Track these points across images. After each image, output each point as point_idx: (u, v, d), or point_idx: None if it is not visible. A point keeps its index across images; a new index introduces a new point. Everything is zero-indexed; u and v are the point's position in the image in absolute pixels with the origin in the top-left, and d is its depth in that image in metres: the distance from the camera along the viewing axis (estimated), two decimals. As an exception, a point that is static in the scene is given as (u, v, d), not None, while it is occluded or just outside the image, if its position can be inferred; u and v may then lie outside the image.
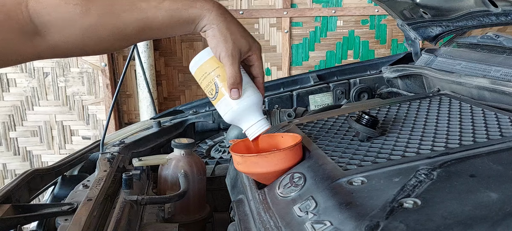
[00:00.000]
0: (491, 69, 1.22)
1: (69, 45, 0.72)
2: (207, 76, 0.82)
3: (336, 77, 1.92)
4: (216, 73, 0.81)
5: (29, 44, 0.69)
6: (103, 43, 0.74)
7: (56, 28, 0.69)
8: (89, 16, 0.70)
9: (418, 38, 1.72)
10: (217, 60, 0.80)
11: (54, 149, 3.21)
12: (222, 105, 0.82)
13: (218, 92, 0.81)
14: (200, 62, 0.82)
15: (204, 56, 0.82)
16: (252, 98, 0.81)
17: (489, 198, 0.56)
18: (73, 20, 0.70)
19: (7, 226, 0.86)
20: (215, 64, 0.81)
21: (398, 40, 3.49)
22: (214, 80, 0.81)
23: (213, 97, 0.83)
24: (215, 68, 0.81)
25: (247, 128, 0.84)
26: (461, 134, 0.83)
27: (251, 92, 0.82)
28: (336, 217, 0.60)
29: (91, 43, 0.73)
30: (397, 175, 0.67)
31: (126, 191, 1.03)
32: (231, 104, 0.81)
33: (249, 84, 0.82)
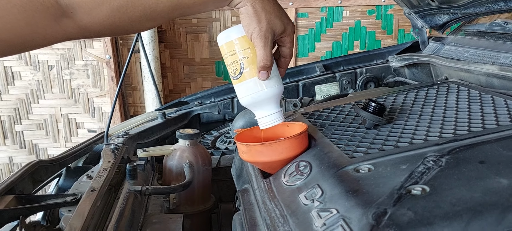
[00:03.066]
0: (500, 56, 1.20)
1: (98, 26, 0.70)
2: (234, 54, 0.79)
3: (342, 67, 1.90)
4: (245, 54, 0.78)
5: (56, 26, 0.67)
6: (133, 23, 0.72)
7: (84, 9, 0.68)
8: (103, 5, 0.68)
9: (425, 26, 1.70)
10: (248, 40, 0.77)
11: (60, 142, 3.22)
12: (243, 87, 0.80)
13: (241, 73, 0.79)
14: (230, 37, 0.79)
15: (236, 33, 0.79)
16: (274, 89, 0.80)
17: (499, 184, 0.54)
18: (101, 1, 0.68)
19: (10, 217, 0.86)
20: (246, 44, 0.78)
21: (405, 30, 3.45)
22: (240, 60, 0.79)
23: (235, 76, 0.80)
24: (245, 49, 0.78)
25: (261, 116, 0.82)
26: (470, 120, 0.81)
27: (275, 82, 0.80)
28: (342, 204, 0.59)
29: (121, 23, 0.71)
30: (405, 162, 0.66)
31: (130, 182, 1.02)
32: (252, 89, 0.79)
33: (275, 73, 0.80)
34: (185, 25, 3.33)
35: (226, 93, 1.83)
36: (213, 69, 3.45)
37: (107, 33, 0.75)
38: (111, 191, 1.01)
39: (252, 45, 0.78)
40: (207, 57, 3.40)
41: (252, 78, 0.79)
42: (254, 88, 0.79)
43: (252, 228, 0.74)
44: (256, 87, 0.79)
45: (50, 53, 3.05)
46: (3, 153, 3.22)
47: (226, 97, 1.82)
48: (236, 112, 1.80)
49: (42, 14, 0.65)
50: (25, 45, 0.67)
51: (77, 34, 0.70)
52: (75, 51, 3.02)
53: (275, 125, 0.83)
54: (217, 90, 1.85)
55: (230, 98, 1.81)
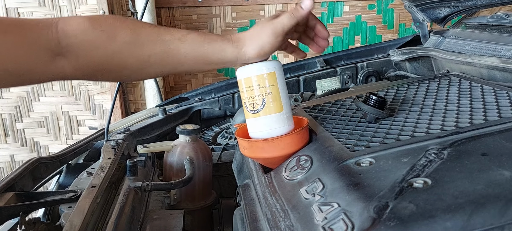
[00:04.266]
0: (502, 49, 1.19)
1: (92, 69, 0.73)
2: (255, 89, 0.79)
3: (343, 61, 1.89)
4: (269, 90, 0.78)
5: (55, 64, 0.70)
6: (126, 70, 0.75)
7: (82, 51, 0.71)
8: (115, 42, 0.72)
9: (426, 20, 1.69)
10: (274, 78, 0.78)
11: (61, 139, 3.22)
12: (258, 123, 0.80)
13: (262, 109, 0.79)
14: (255, 72, 0.79)
15: (260, 69, 0.79)
16: (289, 128, 0.80)
17: (502, 176, 0.54)
18: (98, 45, 0.71)
19: (10, 214, 0.86)
20: (271, 81, 0.79)
21: (406, 25, 3.44)
22: (263, 95, 0.78)
23: (253, 111, 0.80)
24: (271, 85, 0.78)
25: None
26: (472, 113, 0.80)
27: (291, 122, 0.81)
28: (343, 198, 0.58)
29: (115, 69, 0.74)
30: (406, 155, 0.65)
31: (130, 178, 1.02)
32: (272, 125, 0.79)
33: (291, 114, 0.81)
34: (185, 21, 3.32)
35: (227, 89, 1.83)
36: (214, 65, 3.44)
37: (100, 77, 0.78)
38: (112, 187, 1.00)
39: (276, 83, 0.78)
40: (207, 54, 3.39)
41: (274, 114, 0.78)
42: (274, 124, 0.79)
43: (253, 223, 0.74)
44: (276, 123, 0.79)
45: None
46: (5, 151, 3.22)
47: (227, 93, 1.81)
48: (237, 108, 1.79)
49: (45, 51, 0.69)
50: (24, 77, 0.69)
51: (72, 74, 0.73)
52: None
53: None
54: (217, 86, 1.84)
55: (231, 94, 1.81)
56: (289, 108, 0.81)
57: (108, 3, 2.91)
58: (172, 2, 3.24)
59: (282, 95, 0.79)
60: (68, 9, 2.94)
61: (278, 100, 0.79)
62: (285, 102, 0.80)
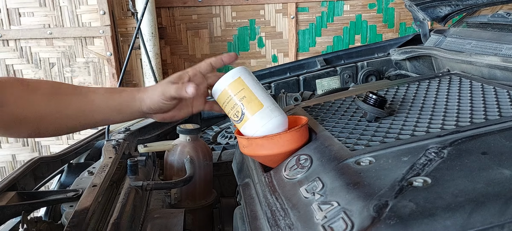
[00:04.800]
0: (503, 48, 1.19)
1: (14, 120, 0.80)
2: (231, 99, 0.81)
3: (343, 61, 1.89)
4: (241, 95, 0.81)
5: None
6: (44, 122, 0.83)
7: (7, 102, 0.79)
8: (36, 94, 0.82)
9: (426, 19, 1.69)
10: (242, 82, 0.81)
11: (62, 139, 3.22)
12: (248, 127, 0.81)
13: (244, 115, 0.81)
14: (223, 86, 0.82)
15: (225, 81, 0.82)
16: (278, 119, 0.81)
17: (502, 175, 0.54)
18: (21, 96, 0.81)
19: (12, 213, 0.86)
20: (240, 86, 0.81)
21: (406, 24, 3.44)
22: (238, 103, 0.81)
23: (239, 119, 0.82)
24: (240, 90, 0.81)
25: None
26: (472, 112, 0.81)
27: (277, 113, 0.81)
28: (343, 197, 0.58)
29: (33, 119, 0.82)
30: (406, 154, 0.65)
31: (131, 177, 1.02)
32: (260, 122, 0.80)
33: (275, 105, 0.82)
34: (185, 21, 3.32)
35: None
36: (214, 65, 3.44)
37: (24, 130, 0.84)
38: (113, 186, 1.00)
39: (246, 86, 0.81)
40: (207, 53, 3.39)
41: (257, 112, 0.80)
42: (262, 121, 0.80)
43: (253, 222, 0.74)
44: (263, 119, 0.80)
45: (51, 51, 3.04)
46: (6, 151, 3.22)
47: (227, 93, 1.81)
48: (237, 107, 1.79)
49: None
50: None
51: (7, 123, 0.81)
52: (76, 49, 3.02)
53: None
54: (218, 86, 1.84)
55: (231, 94, 1.81)
56: (270, 101, 0.82)
57: (108, 3, 2.91)
58: (172, 2, 3.24)
59: (256, 93, 0.81)
60: (68, 9, 2.94)
61: (255, 99, 0.80)
62: (262, 97, 0.81)
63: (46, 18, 2.95)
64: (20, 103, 0.80)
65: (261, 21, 3.35)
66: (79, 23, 2.96)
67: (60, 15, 2.94)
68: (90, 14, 2.96)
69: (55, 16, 2.94)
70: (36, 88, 0.83)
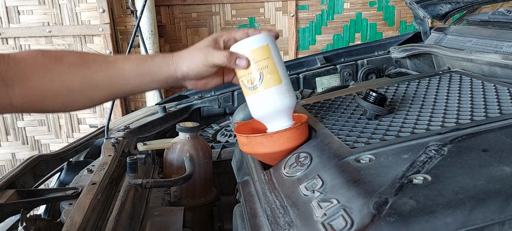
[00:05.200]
0: (503, 45, 1.18)
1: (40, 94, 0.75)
2: (256, 64, 0.77)
3: (343, 59, 1.89)
4: (263, 64, 0.77)
5: (6, 92, 0.72)
6: (73, 93, 0.77)
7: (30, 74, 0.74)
8: (61, 65, 0.76)
9: (427, 16, 1.68)
10: (268, 51, 0.77)
11: (62, 137, 3.22)
12: (258, 99, 0.78)
13: (258, 85, 0.77)
14: (249, 48, 0.78)
15: (254, 43, 0.78)
16: (291, 100, 0.79)
17: (503, 172, 0.54)
18: (46, 68, 0.75)
19: (11, 210, 0.86)
20: (265, 54, 0.77)
21: (406, 22, 3.43)
22: (257, 71, 0.77)
23: (251, 87, 0.78)
24: (264, 59, 0.77)
25: (274, 129, 0.80)
26: (472, 109, 0.80)
27: (292, 94, 0.79)
28: (343, 194, 0.58)
29: (62, 91, 0.76)
30: (406, 151, 0.65)
31: (130, 175, 1.02)
32: (269, 100, 0.77)
33: (291, 86, 0.80)
34: (185, 19, 3.32)
35: (227, 86, 1.82)
36: (214, 63, 3.44)
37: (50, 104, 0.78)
38: (112, 184, 1.00)
39: (271, 56, 0.77)
40: (208, 51, 3.38)
41: (273, 87, 0.77)
42: (275, 97, 0.77)
43: (252, 220, 0.74)
44: (276, 96, 0.77)
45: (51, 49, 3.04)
46: (6, 149, 3.22)
47: (227, 91, 1.81)
48: (237, 105, 1.79)
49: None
50: None
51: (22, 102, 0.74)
52: (76, 47, 3.01)
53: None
54: (217, 84, 1.84)
55: (230, 92, 1.81)
56: (288, 80, 0.79)
57: (107, 1, 2.91)
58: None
59: (278, 67, 0.78)
60: (68, 7, 2.93)
61: (276, 73, 0.77)
62: (283, 74, 0.79)
63: (45, 16, 2.95)
64: (46, 76, 0.75)
65: (261, 19, 3.35)
66: (79, 21, 2.96)
67: (59, 13, 2.94)
68: (90, 12, 2.95)
69: (54, 14, 2.94)
70: (60, 59, 0.77)
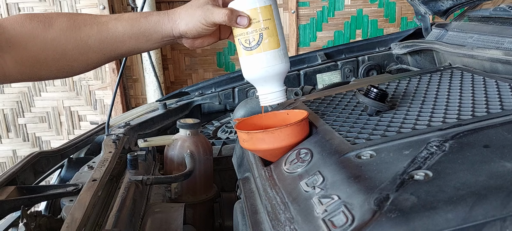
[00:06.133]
0: (505, 41, 1.18)
1: (33, 61, 0.73)
2: (255, 24, 0.76)
3: (344, 55, 1.88)
4: (265, 25, 0.76)
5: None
6: (66, 58, 0.75)
7: (20, 42, 0.72)
8: (52, 30, 0.73)
9: (428, 13, 1.68)
10: (271, 12, 0.76)
11: (62, 134, 3.22)
12: (255, 60, 0.78)
13: (256, 46, 0.76)
14: (253, 5, 0.76)
15: (259, 1, 0.76)
16: (286, 66, 0.79)
17: (504, 168, 0.53)
18: (35, 34, 0.73)
19: (11, 207, 0.86)
20: (267, 15, 0.76)
21: (407, 18, 3.42)
22: (257, 31, 0.76)
23: (248, 48, 0.77)
24: (266, 19, 0.76)
25: (265, 93, 0.81)
26: (474, 105, 0.80)
27: (287, 59, 0.79)
28: (344, 191, 0.58)
29: (55, 57, 0.74)
30: (408, 147, 0.65)
31: (131, 172, 1.01)
32: (269, 62, 0.77)
33: (286, 50, 0.80)
34: (186, 15, 3.31)
35: (227, 83, 1.82)
36: (214, 60, 3.44)
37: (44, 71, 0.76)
38: (113, 181, 1.00)
39: (273, 17, 0.76)
40: (208, 49, 3.38)
41: (271, 50, 0.77)
42: (272, 61, 0.77)
43: (253, 216, 0.74)
44: (273, 60, 0.77)
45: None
46: (7, 146, 3.22)
47: (227, 88, 1.81)
48: (237, 102, 1.79)
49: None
50: None
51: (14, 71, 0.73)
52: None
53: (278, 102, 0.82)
54: (218, 81, 1.84)
55: (231, 89, 1.80)
56: (285, 44, 0.79)
57: (108, -2, 2.91)
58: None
59: (278, 30, 0.78)
60: (68, 3, 2.93)
61: (275, 36, 0.77)
62: (281, 37, 0.78)
63: (46, 13, 2.95)
64: (36, 43, 0.73)
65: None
66: (79, 18, 2.96)
67: (59, 10, 2.94)
68: (90, 9, 2.95)
69: (54, 11, 2.94)
70: (50, 23, 0.74)
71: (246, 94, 1.79)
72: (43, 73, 0.77)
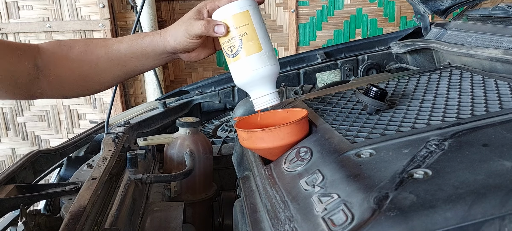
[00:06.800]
0: (504, 40, 1.18)
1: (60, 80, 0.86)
2: (236, 30, 0.77)
3: (343, 54, 1.89)
4: (243, 30, 0.77)
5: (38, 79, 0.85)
6: (83, 77, 0.87)
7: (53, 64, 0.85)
8: (72, 53, 0.86)
9: (427, 12, 1.68)
10: (248, 17, 0.77)
11: (62, 133, 3.22)
12: (239, 67, 0.78)
13: (238, 52, 0.77)
14: (228, 13, 0.78)
15: (233, 9, 0.78)
16: (274, 67, 0.79)
17: (503, 167, 0.53)
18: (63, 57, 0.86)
19: (11, 206, 0.86)
20: (245, 20, 0.77)
21: (407, 17, 3.42)
22: (237, 37, 0.77)
23: (232, 55, 0.79)
24: (243, 25, 0.77)
25: (258, 96, 0.81)
26: (473, 104, 0.80)
27: (274, 60, 0.79)
28: (343, 189, 0.58)
29: (75, 77, 0.87)
30: (407, 146, 0.65)
31: (130, 170, 1.01)
32: (253, 66, 0.77)
33: (272, 53, 0.80)
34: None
35: (227, 82, 1.82)
36: (214, 59, 3.44)
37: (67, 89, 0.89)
38: (112, 179, 1.00)
39: (251, 22, 0.77)
40: (208, 47, 3.38)
41: (253, 54, 0.77)
42: (255, 65, 0.77)
43: (253, 215, 0.74)
44: (257, 63, 0.77)
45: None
46: (6, 145, 3.22)
47: (227, 86, 1.81)
48: (237, 101, 1.79)
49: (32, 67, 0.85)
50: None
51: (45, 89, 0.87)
52: (76, 42, 3.01)
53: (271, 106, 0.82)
54: (217, 79, 1.84)
55: (231, 87, 1.81)
56: (269, 46, 0.79)
57: (108, -4, 2.91)
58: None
59: (259, 34, 0.78)
60: (67, 2, 2.93)
61: (256, 39, 0.78)
62: (263, 41, 0.79)
63: (45, 12, 2.94)
64: (60, 65, 0.85)
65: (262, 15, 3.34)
66: (79, 16, 2.96)
67: (59, 9, 2.94)
68: (90, 7, 2.95)
69: (54, 10, 2.93)
70: (70, 48, 0.86)
71: (245, 93, 1.78)
72: (68, 93, 0.90)
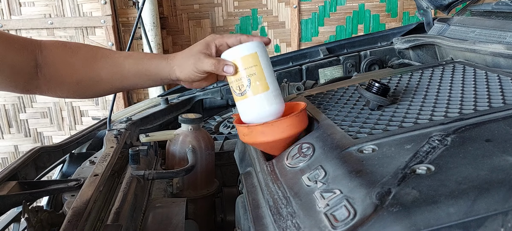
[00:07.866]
0: (507, 35, 1.18)
1: (59, 81, 0.87)
2: (245, 70, 0.81)
3: (346, 50, 1.88)
4: (251, 71, 0.80)
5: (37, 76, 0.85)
6: (83, 84, 0.88)
7: (53, 63, 0.86)
8: (77, 57, 0.87)
9: (430, 7, 1.67)
10: (256, 58, 0.80)
11: (64, 130, 3.22)
12: (246, 105, 0.81)
13: (246, 91, 0.80)
14: (237, 55, 0.81)
15: (243, 51, 0.81)
16: (278, 107, 0.81)
17: (506, 162, 0.53)
18: (65, 59, 0.87)
19: (13, 202, 0.86)
20: (253, 62, 0.81)
21: (409, 13, 3.41)
22: (245, 77, 0.80)
23: (239, 93, 0.82)
24: (252, 66, 0.80)
25: None
26: (476, 99, 0.80)
27: (279, 101, 0.82)
28: (345, 185, 0.58)
29: (73, 81, 0.87)
30: (409, 142, 0.64)
31: (133, 167, 1.01)
32: (257, 106, 0.80)
33: (279, 92, 0.83)
34: (187, 11, 3.30)
35: (229, 78, 1.82)
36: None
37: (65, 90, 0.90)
38: (114, 176, 1.00)
39: (259, 63, 0.80)
40: (210, 43, 3.37)
41: (260, 94, 0.80)
42: (262, 104, 0.80)
43: (255, 210, 0.74)
44: (264, 103, 0.80)
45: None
46: (9, 142, 3.23)
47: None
48: (239, 97, 1.79)
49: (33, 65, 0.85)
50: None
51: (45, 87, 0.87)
52: (77, 39, 3.01)
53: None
54: (219, 75, 1.83)
55: (233, 83, 1.80)
56: (276, 86, 0.82)
57: (109, -7, 2.90)
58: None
59: (266, 74, 0.81)
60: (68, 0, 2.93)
61: (263, 80, 0.80)
62: (270, 81, 0.81)
63: (47, 8, 2.94)
64: (60, 66, 0.86)
65: (263, 11, 3.33)
66: (80, 13, 2.95)
67: (61, 5, 2.93)
68: (91, 3, 2.94)
69: (56, 6, 2.93)
70: (75, 52, 0.87)
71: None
72: (63, 94, 0.90)
